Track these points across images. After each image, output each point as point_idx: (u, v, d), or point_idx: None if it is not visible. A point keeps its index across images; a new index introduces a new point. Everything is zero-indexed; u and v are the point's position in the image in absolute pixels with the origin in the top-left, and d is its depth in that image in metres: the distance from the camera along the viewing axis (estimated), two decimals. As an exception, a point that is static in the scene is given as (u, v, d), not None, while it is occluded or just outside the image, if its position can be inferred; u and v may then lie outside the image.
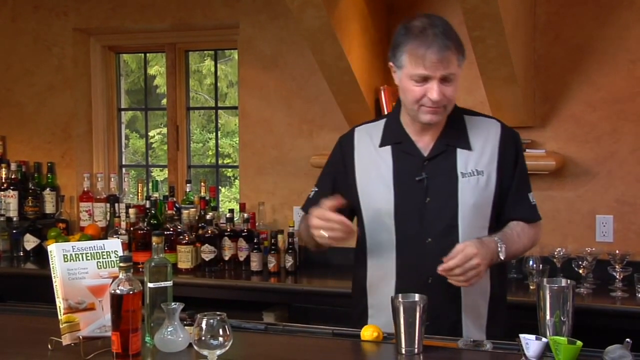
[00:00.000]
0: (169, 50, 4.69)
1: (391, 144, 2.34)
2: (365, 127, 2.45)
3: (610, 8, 3.69)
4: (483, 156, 2.31)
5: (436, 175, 2.28)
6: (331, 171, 2.50)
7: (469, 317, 2.30)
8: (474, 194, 2.28)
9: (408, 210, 2.28)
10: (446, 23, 2.22)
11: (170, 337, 1.99)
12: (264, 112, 4.34)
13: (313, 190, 2.53)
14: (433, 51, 2.13)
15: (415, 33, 2.16)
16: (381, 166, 2.32)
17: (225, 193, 7.40)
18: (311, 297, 3.61)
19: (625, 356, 1.93)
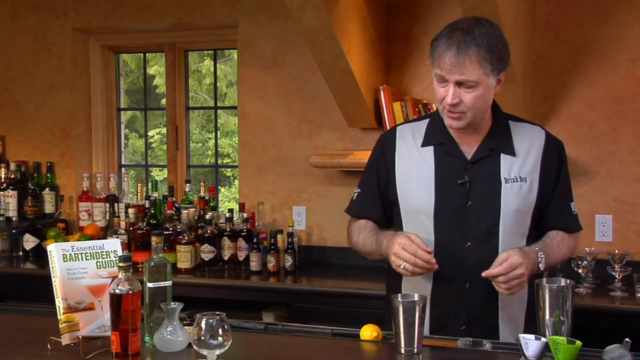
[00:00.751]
0: (168, 50, 4.69)
1: (434, 145, 2.30)
2: (408, 125, 2.41)
3: (609, 8, 3.69)
4: (527, 163, 2.29)
5: (479, 179, 2.26)
6: (373, 171, 2.42)
7: (505, 324, 2.28)
8: (516, 200, 2.26)
9: (448, 213, 2.25)
10: (487, 28, 2.18)
11: (169, 337, 1.99)
12: (264, 111, 4.34)
13: (356, 192, 2.47)
14: (451, 54, 2.11)
15: (447, 33, 2.15)
16: (422, 166, 2.29)
17: (224, 193, 7.40)
18: (311, 296, 3.61)
19: (624, 356, 1.93)
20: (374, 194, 2.41)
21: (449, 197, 2.25)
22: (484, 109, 2.23)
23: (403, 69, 4.04)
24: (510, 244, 2.23)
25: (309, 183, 4.27)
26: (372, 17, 3.86)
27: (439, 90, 2.18)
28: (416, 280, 2.26)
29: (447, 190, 2.26)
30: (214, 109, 5.05)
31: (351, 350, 2.07)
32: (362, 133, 4.11)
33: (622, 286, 3.39)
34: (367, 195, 2.42)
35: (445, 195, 2.25)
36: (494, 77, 2.19)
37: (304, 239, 4.26)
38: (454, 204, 2.25)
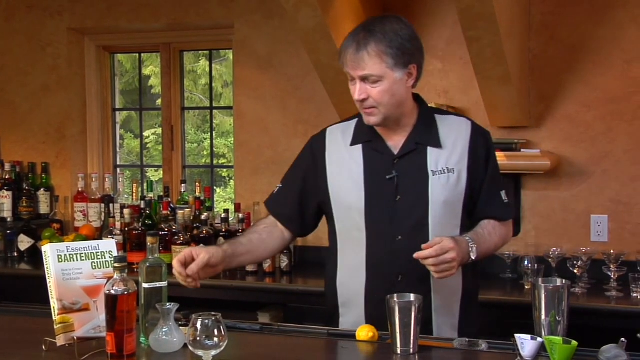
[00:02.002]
0: (163, 50, 4.68)
1: (362, 143, 2.35)
2: (337, 126, 2.46)
3: (604, 8, 3.69)
4: (454, 154, 2.32)
5: (407, 173, 2.30)
6: (301, 169, 2.49)
7: (440, 316, 2.32)
8: (444, 191, 2.29)
9: (379, 208, 2.30)
10: (390, 26, 2.21)
11: (165, 337, 1.98)
12: (259, 112, 4.34)
13: (278, 187, 2.54)
14: (352, 50, 2.20)
15: (352, 32, 2.24)
16: (352, 165, 2.34)
17: (220, 193, 7.39)
18: (306, 297, 3.60)
19: (620, 355, 1.93)
20: (293, 194, 2.47)
21: (379, 193, 2.30)
22: (395, 103, 2.25)
23: (399, 69, 4.04)
24: (442, 235, 2.23)
25: (305, 183, 4.25)
26: (368, 16, 3.85)
27: (351, 88, 2.27)
28: (349, 276, 2.35)
29: (376, 186, 2.30)
30: (209, 109, 5.03)
31: (347, 351, 2.07)
32: (358, 133, 4.10)
33: (618, 286, 3.40)
34: (287, 195, 2.49)
35: (375, 192, 2.30)
36: (400, 71, 2.22)
37: (299, 240, 4.24)
38: (384, 199, 2.29)
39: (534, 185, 3.82)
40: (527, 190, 3.83)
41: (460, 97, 3.94)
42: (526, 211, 3.83)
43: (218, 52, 6.99)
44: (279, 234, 2.51)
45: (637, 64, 3.66)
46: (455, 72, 3.94)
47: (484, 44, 3.25)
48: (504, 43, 3.25)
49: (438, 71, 3.97)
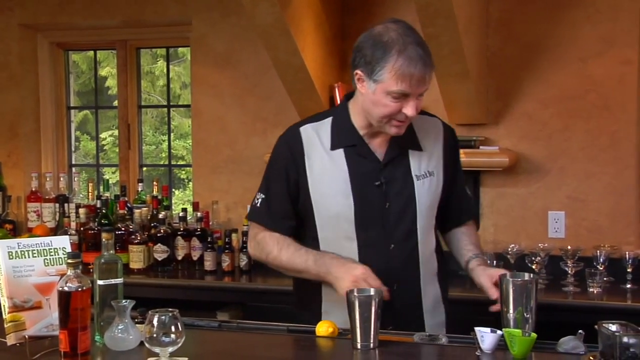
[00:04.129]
0: (119, 47, 4.60)
1: (344, 147, 2.25)
2: (310, 126, 2.29)
3: (560, 7, 3.73)
4: (432, 156, 2.31)
5: (393, 179, 2.24)
6: (281, 177, 2.29)
7: (429, 318, 2.31)
8: (428, 195, 2.28)
9: (370, 216, 2.22)
10: (417, 33, 2.15)
11: (120, 335, 1.94)
12: (217, 110, 4.29)
13: (260, 198, 2.34)
14: (419, 70, 2.07)
15: (398, 49, 2.06)
16: (335, 170, 2.23)
17: (178, 195, 7.31)
18: (266, 296, 3.58)
19: (578, 347, 1.95)
20: (283, 203, 2.29)
21: (368, 200, 2.22)
22: None
23: (358, 66, 4.03)
24: (425, 241, 2.28)
25: (264, 182, 4.22)
26: (327, 14, 3.85)
27: (389, 105, 2.11)
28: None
29: (364, 193, 2.22)
30: (166, 107, 4.96)
31: (307, 347, 2.04)
32: (317, 131, 4.08)
33: (575, 281, 3.44)
34: (276, 205, 2.30)
35: (364, 199, 2.22)
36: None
37: (259, 238, 4.21)
38: (374, 206, 2.23)
39: (493, 182, 3.84)
40: (486, 187, 3.85)
41: (419, 94, 3.94)
42: (485, 208, 3.85)
43: (176, 53, 6.92)
44: None
45: (592, 62, 3.70)
46: (414, 69, 3.94)
47: (442, 41, 3.25)
48: (462, 40, 3.26)
49: (397, 69, 3.97)
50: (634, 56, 3.65)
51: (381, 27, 2.14)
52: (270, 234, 2.31)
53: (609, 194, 3.72)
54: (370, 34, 2.15)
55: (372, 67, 2.10)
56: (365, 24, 3.96)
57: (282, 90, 3.92)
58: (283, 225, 2.31)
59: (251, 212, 2.38)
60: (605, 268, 3.47)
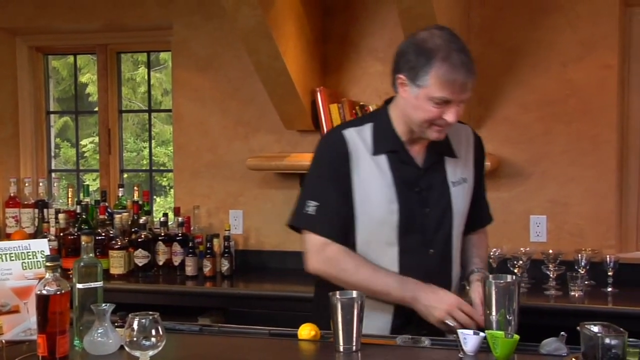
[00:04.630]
0: (99, 51, 4.56)
1: (386, 152, 2.24)
2: (354, 130, 2.25)
3: (541, 12, 3.75)
4: (466, 163, 2.33)
5: (432, 185, 2.26)
6: (335, 179, 2.22)
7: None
8: (462, 202, 2.30)
9: (411, 222, 2.22)
10: (461, 40, 2.16)
11: (100, 339, 1.91)
12: (199, 114, 4.27)
13: (313, 206, 2.23)
14: (462, 77, 2.08)
15: (442, 56, 2.07)
16: (380, 175, 2.22)
17: (160, 203, 7.27)
18: (248, 300, 3.56)
19: (560, 349, 1.96)
20: (340, 210, 2.22)
21: (410, 206, 2.22)
22: None
23: (340, 71, 4.03)
24: (457, 246, 2.31)
25: (246, 186, 4.21)
26: (308, 17, 3.84)
27: (431, 110, 2.11)
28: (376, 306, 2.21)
29: (407, 199, 2.22)
30: (147, 112, 4.93)
31: (289, 350, 2.03)
32: (299, 135, 4.08)
33: (556, 285, 3.45)
34: (334, 213, 2.22)
35: (407, 205, 2.22)
36: None
37: (240, 243, 4.20)
38: (415, 212, 2.23)
39: (474, 187, 3.84)
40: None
41: (401, 99, 3.94)
42: (467, 212, 3.85)
43: (157, 59, 6.88)
44: None
45: (572, 66, 3.72)
46: (396, 74, 3.94)
47: (424, 44, 3.25)
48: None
49: (379, 73, 3.96)
50: (613, 61, 3.68)
51: (426, 33, 2.14)
52: (343, 249, 2.22)
53: (590, 198, 3.73)
54: (414, 39, 2.15)
55: (416, 72, 2.11)
56: (347, 27, 4.01)
57: (264, 95, 3.91)
58: (342, 233, 2.23)
59: (307, 222, 2.25)
60: (586, 272, 3.48)
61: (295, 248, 4.08)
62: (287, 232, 4.05)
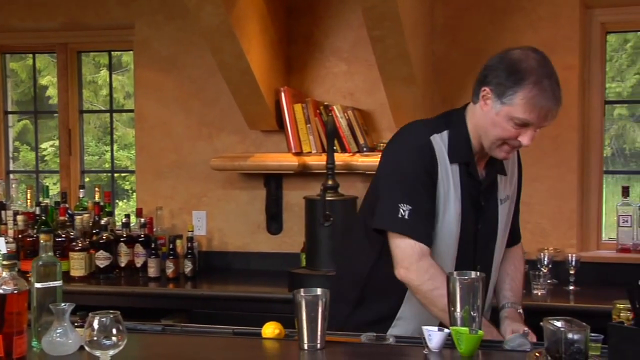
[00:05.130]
0: (60, 51, 4.48)
1: (459, 163, 2.21)
2: (436, 136, 2.20)
3: (504, 13, 3.78)
4: (512, 181, 2.34)
5: (488, 202, 2.27)
6: (427, 183, 2.17)
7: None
8: (506, 220, 2.31)
9: (467, 236, 2.22)
10: (553, 67, 2.14)
11: (59, 339, 1.86)
12: (162, 115, 4.22)
13: (406, 209, 2.14)
14: (549, 104, 2.07)
15: (534, 80, 2.05)
16: (453, 185, 2.19)
17: (122, 207, 7.16)
18: (211, 302, 3.52)
19: (524, 344, 1.97)
20: (431, 215, 2.16)
21: (469, 221, 2.22)
22: None
23: (304, 71, 4.02)
24: (497, 264, 2.33)
25: (210, 187, 4.17)
26: (272, 17, 3.82)
27: (508, 130, 2.09)
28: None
29: (468, 213, 2.21)
30: (109, 112, 4.86)
31: (253, 348, 2.01)
32: (263, 136, 4.06)
33: (519, 283, 3.46)
34: (427, 218, 2.16)
35: (467, 218, 2.21)
36: None
37: (204, 245, 4.16)
38: (471, 227, 2.23)
39: (438, 187, 3.85)
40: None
41: (365, 99, 3.95)
42: (431, 212, 3.86)
43: (120, 62, 6.79)
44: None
45: (534, 67, 3.75)
46: (360, 74, 3.95)
47: (388, 44, 3.26)
48: (408, 43, 3.27)
49: (343, 73, 3.97)
50: (574, 61, 3.72)
51: (520, 53, 2.12)
52: (440, 267, 2.14)
53: (552, 198, 3.77)
54: (508, 56, 2.12)
55: (504, 90, 2.08)
56: (311, 27, 4.00)
57: (227, 95, 3.88)
58: (432, 240, 2.18)
59: (402, 226, 2.15)
60: (549, 270, 3.52)
61: (259, 249, 4.11)
62: (251, 233, 4.11)
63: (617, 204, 3.78)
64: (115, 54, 6.14)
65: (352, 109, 3.81)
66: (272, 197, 4.05)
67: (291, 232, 4.07)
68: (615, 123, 7.25)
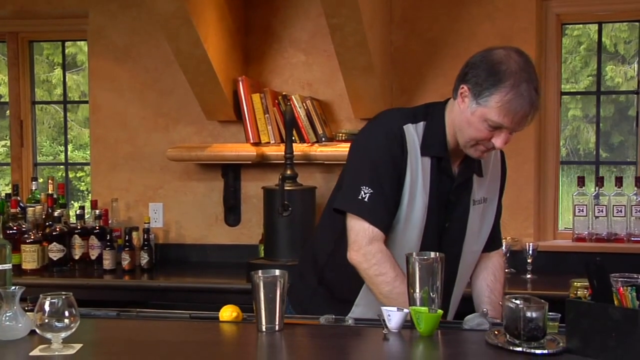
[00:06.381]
0: (10, 39, 4.36)
1: (431, 156, 2.17)
2: (411, 125, 2.17)
3: (460, 4, 3.80)
4: (490, 183, 2.29)
5: (458, 201, 2.22)
6: (393, 169, 2.13)
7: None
8: (477, 222, 2.26)
9: (432, 231, 2.18)
10: (535, 70, 2.07)
11: (8, 323, 1.81)
12: (117, 105, 4.15)
13: (367, 192, 2.12)
14: (524, 109, 2.01)
15: (512, 83, 2.00)
16: (422, 178, 2.16)
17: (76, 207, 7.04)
18: (169, 293, 3.47)
19: (483, 324, 1.97)
20: (393, 201, 2.14)
21: (436, 216, 2.18)
22: None
23: (262, 61, 3.99)
24: (465, 269, 2.27)
25: (166, 179, 4.11)
26: (230, 6, 3.78)
27: (482, 131, 2.05)
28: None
29: (435, 208, 2.18)
30: (62, 103, 4.76)
31: (210, 331, 1.97)
32: (221, 126, 4.01)
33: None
34: (388, 203, 2.13)
35: (434, 213, 2.18)
36: None
37: (161, 237, 4.10)
38: (438, 223, 2.19)
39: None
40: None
41: (324, 89, 3.94)
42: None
43: (75, 61, 6.67)
44: None
45: (491, 58, 3.78)
46: (318, 64, 3.93)
47: (347, 32, 3.25)
48: (366, 32, 3.26)
49: (302, 64, 3.95)
50: (531, 53, 3.64)
51: (503, 54, 2.05)
52: (388, 253, 2.12)
53: (509, 188, 3.72)
54: (490, 56, 2.06)
55: (481, 90, 2.03)
56: (269, 19, 3.97)
57: (184, 85, 3.83)
58: (389, 226, 2.15)
59: (360, 208, 2.13)
60: (507, 259, 3.53)
61: (217, 241, 4.06)
62: (208, 225, 4.06)
63: (573, 193, 3.82)
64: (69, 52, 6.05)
65: (311, 99, 3.79)
66: (230, 188, 4.01)
67: (249, 224, 4.03)
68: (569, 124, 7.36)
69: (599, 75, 4.10)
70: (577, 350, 1.68)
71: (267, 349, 1.83)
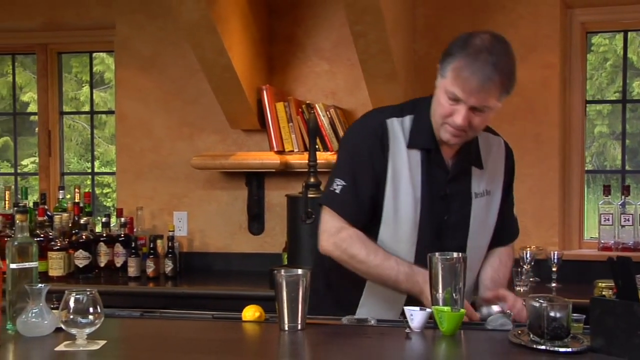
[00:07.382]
0: (39, 51, 4.45)
1: (421, 149, 2.16)
2: (395, 120, 2.16)
3: (484, 13, 3.80)
4: (492, 175, 2.27)
5: (456, 193, 2.20)
6: (369, 163, 2.14)
7: None
8: (482, 214, 2.24)
9: (430, 224, 2.17)
10: (506, 51, 2.04)
11: (34, 320, 1.83)
12: (142, 114, 4.20)
13: (339, 185, 2.15)
14: (476, 79, 1.97)
15: (470, 52, 1.98)
16: (411, 171, 2.14)
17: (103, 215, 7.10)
18: (192, 300, 3.47)
19: (506, 324, 1.96)
20: (367, 195, 2.14)
21: (433, 209, 2.17)
22: (482, 128, 2.17)
23: (286, 70, 4.01)
24: (474, 259, 2.22)
25: (190, 188, 4.14)
26: (254, 16, 3.82)
27: (445, 106, 2.04)
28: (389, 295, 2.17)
29: (431, 201, 2.16)
30: (89, 114, 4.82)
31: (233, 330, 1.98)
32: (245, 135, 4.04)
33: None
34: (361, 196, 2.14)
35: (430, 207, 2.16)
36: (502, 100, 2.07)
37: (185, 245, 4.12)
38: (436, 216, 2.18)
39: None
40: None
41: (347, 98, 3.95)
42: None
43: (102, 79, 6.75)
44: None
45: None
46: (342, 73, 3.95)
47: (370, 39, 3.27)
48: (389, 39, 3.28)
49: (325, 72, 3.97)
50: (555, 60, 3.74)
51: (478, 33, 2.05)
52: (355, 233, 2.14)
53: (534, 196, 3.77)
54: (466, 34, 2.07)
55: (444, 59, 2.05)
56: (293, 28, 4.00)
57: (208, 95, 3.87)
58: (363, 219, 2.15)
59: (330, 199, 2.17)
60: (531, 268, 3.51)
61: (240, 249, 4.08)
62: (231, 234, 4.08)
63: (599, 202, 3.79)
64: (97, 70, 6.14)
65: (334, 108, 3.80)
66: (254, 197, 4.03)
67: (273, 233, 4.05)
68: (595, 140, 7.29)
69: (625, 85, 4.07)
70: (601, 349, 1.66)
71: (289, 346, 1.83)
